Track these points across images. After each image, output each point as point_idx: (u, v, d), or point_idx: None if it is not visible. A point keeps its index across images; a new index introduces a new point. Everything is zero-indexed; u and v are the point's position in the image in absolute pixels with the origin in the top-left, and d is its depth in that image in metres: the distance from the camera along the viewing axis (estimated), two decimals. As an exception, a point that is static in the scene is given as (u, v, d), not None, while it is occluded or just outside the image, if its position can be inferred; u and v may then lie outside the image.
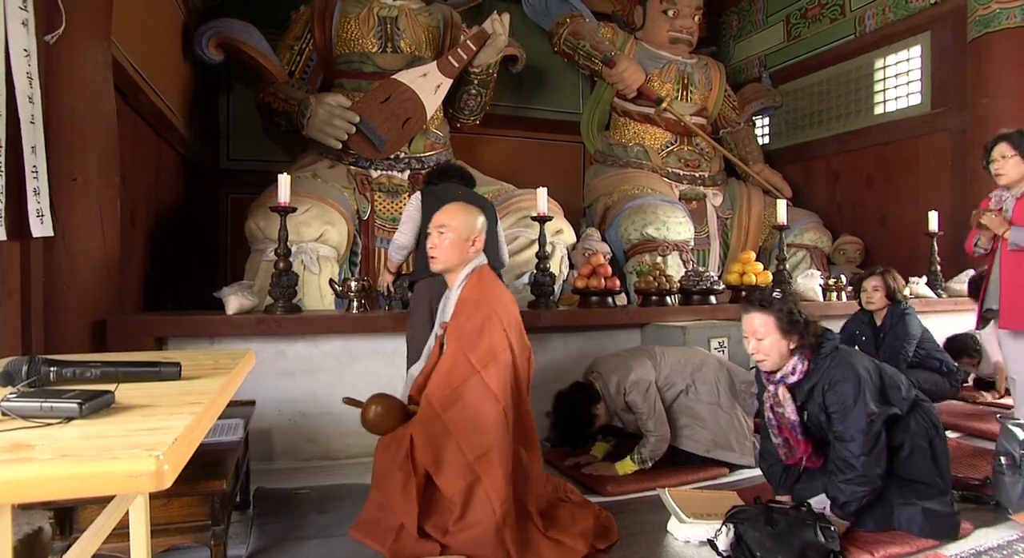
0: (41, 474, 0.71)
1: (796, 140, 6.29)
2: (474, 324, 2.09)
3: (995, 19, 4.30)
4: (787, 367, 2.17)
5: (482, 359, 2.05)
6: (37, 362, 1.14)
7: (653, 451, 2.76)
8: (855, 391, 2.07)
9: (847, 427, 2.06)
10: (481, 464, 1.97)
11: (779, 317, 2.14)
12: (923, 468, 2.16)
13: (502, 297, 2.21)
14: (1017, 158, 2.71)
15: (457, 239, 2.22)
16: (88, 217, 2.71)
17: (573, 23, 5.71)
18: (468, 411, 2.01)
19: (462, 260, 2.25)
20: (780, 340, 2.15)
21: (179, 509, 1.81)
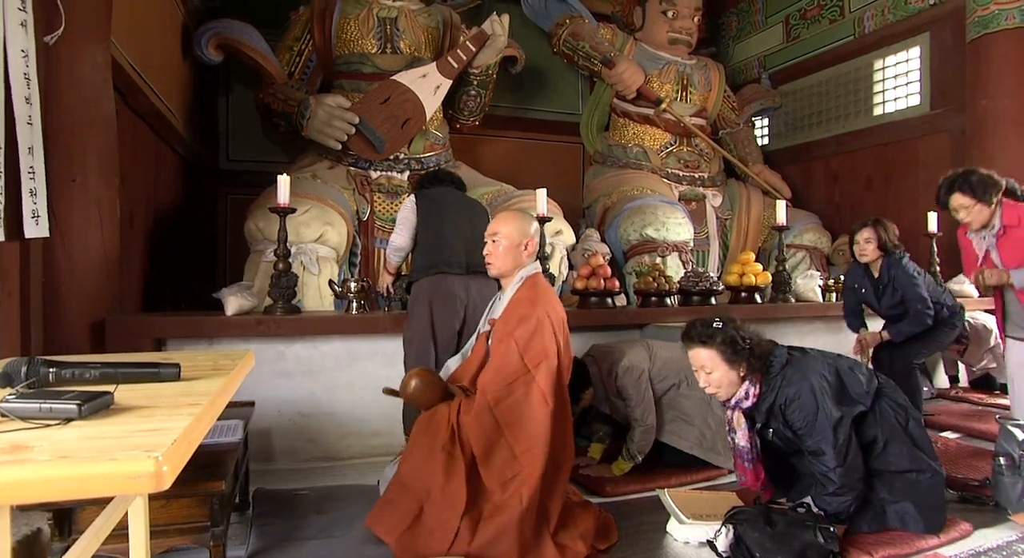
0: (40, 475, 0.71)
1: (795, 141, 6.29)
2: (529, 325, 2.14)
3: (994, 20, 4.30)
4: (739, 393, 2.16)
5: (534, 359, 2.11)
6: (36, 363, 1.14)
7: (640, 443, 2.77)
8: (813, 403, 2.05)
9: (816, 442, 2.05)
10: (525, 458, 2.03)
11: (722, 349, 2.11)
12: (904, 456, 2.15)
13: (554, 302, 2.27)
14: (978, 206, 2.77)
15: (510, 245, 2.27)
16: (87, 218, 2.71)
17: (572, 24, 5.71)
18: (519, 407, 2.07)
19: (516, 265, 2.30)
20: (728, 371, 2.13)
21: (178, 510, 1.81)
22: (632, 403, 2.77)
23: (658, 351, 2.92)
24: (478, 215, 3.08)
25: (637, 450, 2.77)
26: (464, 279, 2.84)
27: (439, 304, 2.82)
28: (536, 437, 2.05)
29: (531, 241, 2.31)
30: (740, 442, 2.22)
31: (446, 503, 2.04)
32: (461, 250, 2.86)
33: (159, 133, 4.04)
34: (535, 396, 2.08)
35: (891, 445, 2.15)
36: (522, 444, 2.05)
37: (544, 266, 3.60)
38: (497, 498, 2.04)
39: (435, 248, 2.90)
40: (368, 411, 3.19)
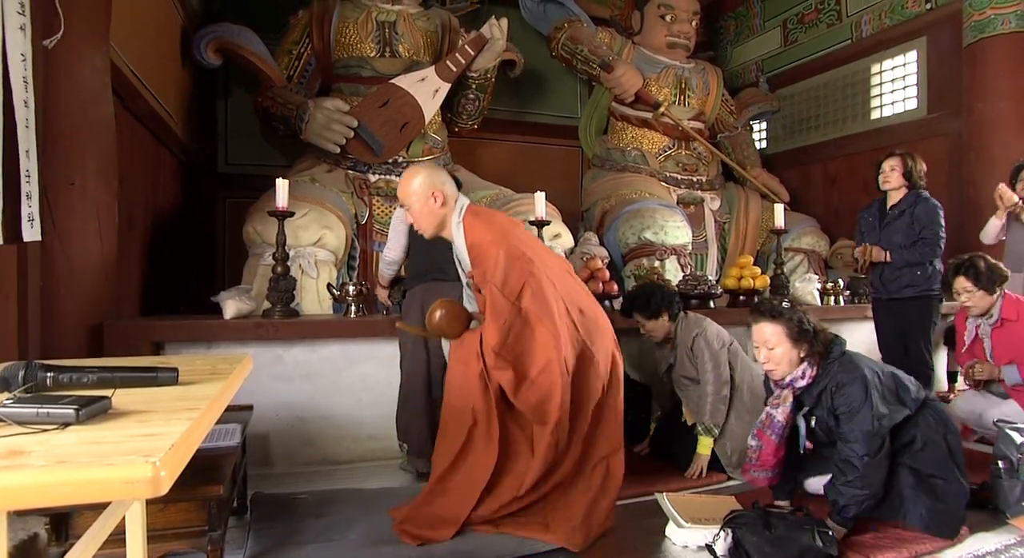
0: (37, 481, 0.71)
1: (794, 144, 6.31)
2: (499, 266, 2.18)
3: (990, 25, 4.32)
4: (796, 372, 2.20)
5: (513, 291, 2.16)
6: (34, 367, 1.14)
7: (713, 414, 2.82)
8: (862, 393, 2.09)
9: (852, 428, 2.08)
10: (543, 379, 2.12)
11: (789, 326, 2.16)
12: (938, 462, 2.18)
13: (505, 224, 2.32)
14: (980, 293, 2.96)
15: (420, 206, 2.29)
16: (86, 221, 2.71)
17: (571, 28, 5.72)
18: (520, 339, 2.15)
19: (439, 217, 2.31)
20: (791, 349, 2.17)
21: (176, 514, 1.81)
22: (706, 366, 2.84)
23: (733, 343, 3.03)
24: None
25: (712, 421, 2.82)
26: (458, 285, 2.81)
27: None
28: (546, 358, 2.12)
29: (437, 191, 2.28)
30: (778, 417, 2.24)
31: (489, 432, 2.16)
32: (454, 256, 2.86)
33: (158, 136, 4.04)
34: (530, 321, 2.15)
35: (928, 448, 2.19)
36: (535, 368, 2.13)
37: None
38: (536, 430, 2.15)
39: (429, 255, 2.90)
40: (366, 415, 3.19)
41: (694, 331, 2.93)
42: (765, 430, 2.26)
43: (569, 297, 2.27)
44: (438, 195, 2.28)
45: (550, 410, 2.11)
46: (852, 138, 5.67)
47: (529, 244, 2.29)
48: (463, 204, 2.34)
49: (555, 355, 2.12)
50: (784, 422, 2.23)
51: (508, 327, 2.14)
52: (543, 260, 2.28)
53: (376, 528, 2.26)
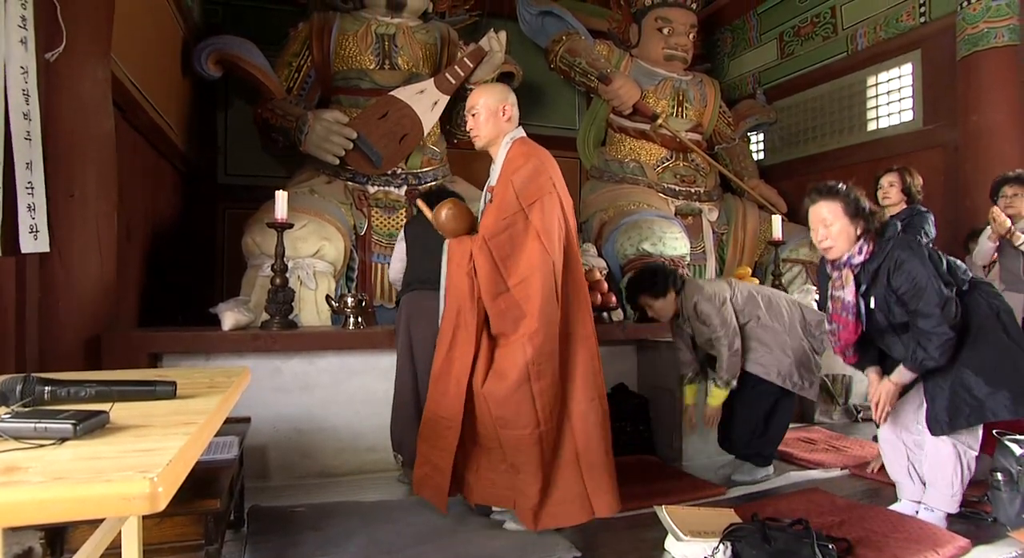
0: (33, 498, 0.71)
1: (791, 156, 6.34)
2: (525, 169, 2.26)
3: (983, 38, 4.36)
4: (853, 249, 2.26)
5: (529, 198, 2.21)
6: (32, 381, 1.14)
7: (730, 370, 2.87)
8: (924, 270, 2.15)
9: (924, 304, 2.13)
10: (519, 291, 2.17)
11: (847, 202, 2.25)
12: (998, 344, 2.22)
13: (548, 155, 2.39)
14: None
15: (489, 114, 2.38)
16: (85, 233, 2.71)
17: (569, 41, 5.76)
18: (511, 241, 2.20)
19: (499, 131, 2.40)
20: (848, 225, 2.25)
21: (172, 528, 1.80)
22: (717, 328, 2.88)
23: (737, 285, 3.08)
24: None
25: (728, 375, 2.87)
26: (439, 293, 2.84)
27: (416, 318, 2.84)
28: (528, 272, 2.16)
29: (507, 106, 2.40)
30: (847, 297, 2.29)
31: (470, 329, 2.22)
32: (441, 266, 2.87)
33: (158, 148, 4.05)
34: (529, 233, 2.19)
35: (984, 334, 2.23)
36: (514, 277, 2.18)
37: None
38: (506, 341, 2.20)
39: (416, 265, 2.94)
40: (364, 427, 3.17)
41: (693, 298, 2.98)
42: (839, 312, 2.32)
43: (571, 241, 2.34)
44: (508, 109, 2.41)
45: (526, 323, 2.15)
46: (849, 149, 5.70)
47: (559, 181, 2.35)
48: (521, 131, 2.45)
49: (539, 273, 2.16)
50: (853, 300, 2.28)
51: (507, 224, 2.19)
52: (564, 201, 2.34)
53: (375, 541, 2.24)
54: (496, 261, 2.19)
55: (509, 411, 2.16)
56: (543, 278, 2.17)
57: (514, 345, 2.18)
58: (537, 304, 2.15)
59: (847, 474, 3.14)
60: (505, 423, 2.18)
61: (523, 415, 2.15)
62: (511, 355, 2.18)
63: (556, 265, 2.21)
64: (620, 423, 3.48)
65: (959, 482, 2.35)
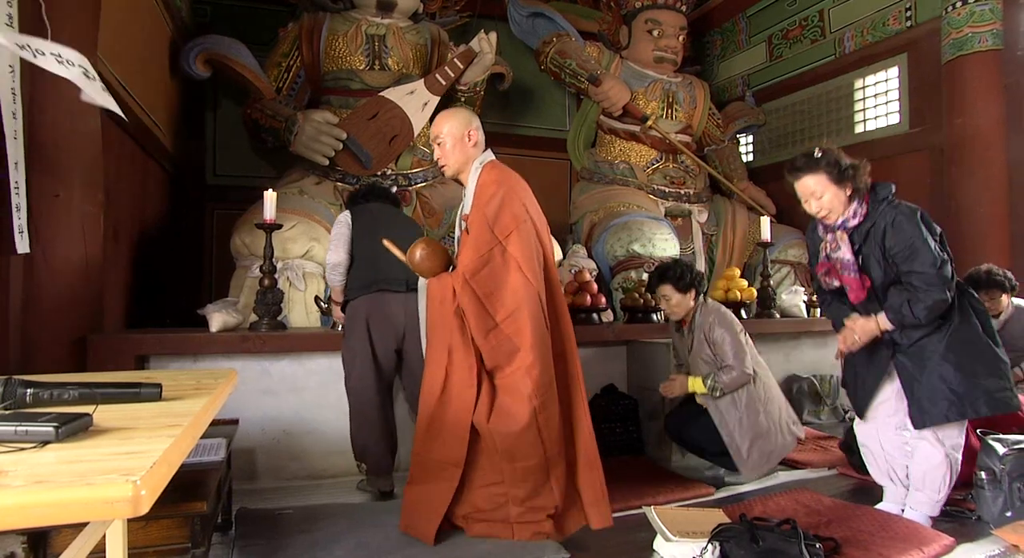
0: (14, 502, 0.70)
1: (779, 158, 6.37)
2: (495, 200, 2.23)
3: (968, 42, 4.42)
4: (848, 212, 2.28)
5: (504, 230, 2.20)
6: (14, 383, 1.12)
7: (731, 382, 2.83)
8: (917, 230, 2.17)
9: (920, 263, 2.15)
10: (508, 326, 2.15)
11: (828, 170, 2.26)
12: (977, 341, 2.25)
13: (518, 179, 2.37)
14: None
15: (455, 141, 2.35)
16: (70, 233, 2.68)
17: (559, 42, 5.78)
18: (493, 276, 2.18)
19: (467, 157, 2.38)
20: (837, 191, 2.27)
21: (158, 532, 1.78)
22: (728, 353, 2.85)
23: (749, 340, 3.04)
24: (412, 232, 3.03)
25: (723, 386, 2.83)
26: (403, 297, 2.78)
27: (376, 323, 2.76)
28: (515, 306, 2.14)
29: (472, 130, 2.37)
30: (845, 256, 2.31)
31: (465, 368, 2.18)
32: (400, 267, 2.75)
33: (145, 148, 4.02)
34: (509, 265, 2.18)
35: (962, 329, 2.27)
36: (501, 312, 2.16)
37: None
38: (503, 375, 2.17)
39: (372, 265, 2.82)
40: (354, 428, 3.16)
41: (711, 316, 2.96)
42: (843, 272, 2.34)
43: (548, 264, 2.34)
44: (474, 133, 2.37)
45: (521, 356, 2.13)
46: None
47: (531, 205, 2.33)
48: (490, 155, 2.42)
49: (526, 306, 2.15)
50: (852, 258, 2.30)
51: (486, 260, 2.18)
52: (538, 224, 2.33)
53: (363, 543, 2.23)
54: (480, 298, 2.16)
55: (518, 446, 2.14)
56: (531, 310, 2.16)
57: (513, 379, 2.16)
58: (529, 338, 2.14)
59: (834, 474, 3.17)
60: (512, 457, 2.16)
61: (531, 447, 2.14)
62: (513, 390, 2.15)
63: (540, 294, 2.20)
64: (610, 424, 3.49)
65: (946, 488, 2.37)
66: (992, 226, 4.37)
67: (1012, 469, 2.35)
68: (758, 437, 2.86)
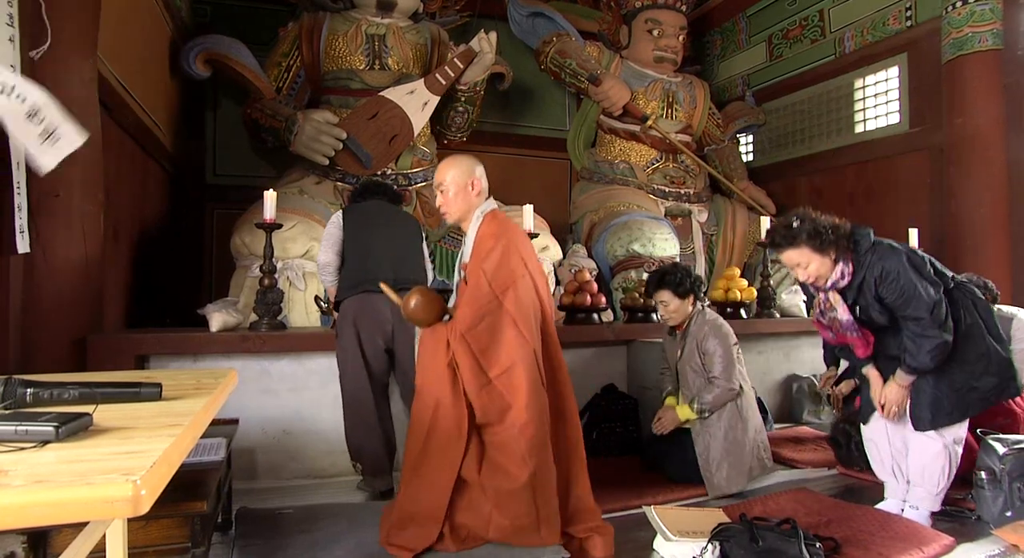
0: (14, 502, 0.70)
1: (779, 158, 6.38)
2: (494, 255, 2.20)
3: (968, 42, 4.42)
4: (835, 275, 2.28)
5: (501, 286, 2.17)
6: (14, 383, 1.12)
7: (715, 400, 2.81)
8: (908, 276, 2.19)
9: (913, 309, 2.19)
10: (502, 382, 2.11)
11: (810, 244, 2.25)
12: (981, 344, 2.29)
13: (517, 232, 2.34)
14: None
15: (458, 189, 2.32)
16: (70, 233, 2.68)
17: (559, 42, 5.78)
18: (489, 332, 2.14)
19: (469, 207, 2.34)
20: (822, 260, 2.27)
21: (158, 531, 1.78)
22: (717, 364, 2.83)
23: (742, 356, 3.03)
24: (408, 228, 3.04)
25: (709, 406, 2.81)
26: None
27: (364, 324, 2.76)
28: (509, 363, 2.11)
29: (476, 180, 2.33)
30: (843, 317, 2.32)
31: (452, 422, 2.14)
32: (388, 267, 2.81)
33: (145, 148, 4.02)
34: (504, 322, 2.14)
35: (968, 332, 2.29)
36: (495, 368, 2.11)
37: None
38: (494, 432, 2.13)
39: (361, 265, 2.84)
40: (354, 428, 3.16)
41: (706, 327, 2.93)
42: (843, 332, 2.35)
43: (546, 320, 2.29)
44: (477, 182, 2.33)
45: (513, 414, 2.09)
46: (837, 151, 5.75)
47: (530, 258, 2.30)
48: (492, 204, 2.39)
49: (521, 364, 2.11)
50: (849, 317, 2.32)
51: (482, 315, 2.14)
52: (537, 278, 2.28)
53: (363, 543, 2.23)
54: (475, 354, 2.13)
55: (510, 503, 2.10)
56: (526, 368, 2.11)
57: (504, 437, 2.12)
58: (524, 396, 2.09)
59: (834, 473, 3.17)
60: (503, 510, 2.12)
61: (525, 506, 2.10)
62: (505, 448, 2.11)
63: (537, 352, 2.16)
64: (610, 424, 3.49)
65: (945, 480, 2.38)
66: (992, 225, 4.37)
67: (1012, 469, 2.35)
68: (730, 454, 2.83)
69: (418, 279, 2.90)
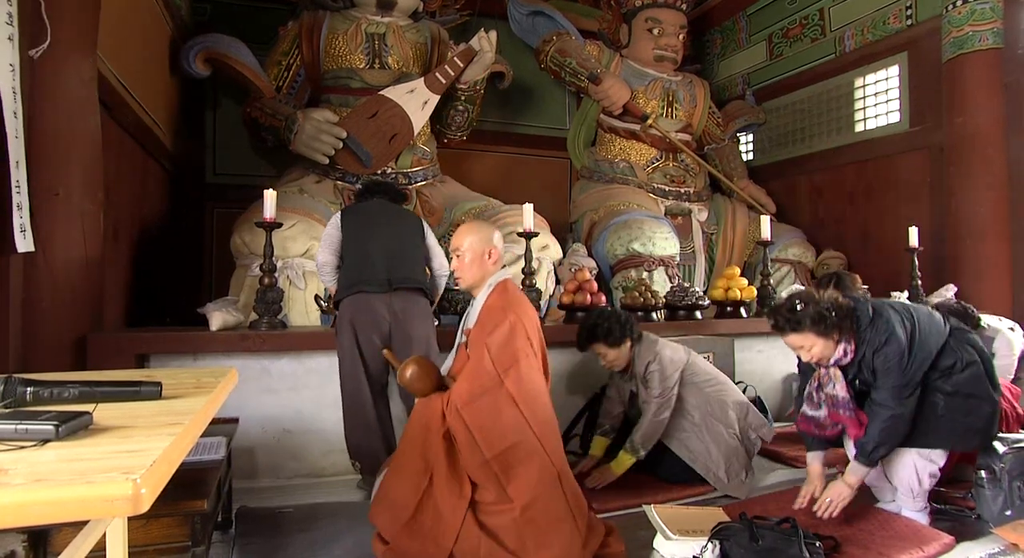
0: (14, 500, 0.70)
1: (779, 157, 6.38)
2: (501, 331, 2.15)
3: (968, 41, 4.42)
4: (837, 353, 2.27)
5: (504, 364, 2.11)
6: (14, 382, 1.12)
7: (645, 437, 2.74)
8: (898, 355, 2.20)
9: (887, 380, 2.20)
10: (499, 462, 2.03)
11: (813, 329, 2.22)
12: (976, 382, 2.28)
13: (526, 307, 2.28)
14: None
15: (475, 257, 2.30)
16: (70, 232, 2.68)
17: (559, 41, 5.78)
18: (488, 410, 2.07)
19: (484, 274, 2.32)
20: (825, 343, 2.25)
21: (158, 530, 1.78)
22: (653, 392, 2.76)
23: (693, 358, 2.98)
24: (408, 226, 3.01)
25: (641, 442, 2.74)
26: (385, 297, 2.77)
27: (361, 324, 2.76)
28: (506, 444, 2.03)
29: (494, 249, 2.32)
30: (840, 394, 2.30)
31: (452, 489, 2.06)
32: (383, 267, 2.80)
33: (145, 147, 4.02)
34: (503, 400, 2.08)
35: (968, 369, 2.28)
36: (492, 448, 2.04)
37: (531, 281, 3.60)
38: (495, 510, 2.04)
39: (356, 265, 2.84)
40: (354, 427, 3.16)
41: (647, 358, 2.83)
42: (836, 410, 2.33)
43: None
44: (494, 252, 2.31)
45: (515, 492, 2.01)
46: (837, 151, 5.75)
47: (534, 334, 2.23)
48: (505, 273, 2.36)
49: (522, 445, 2.03)
50: (846, 395, 2.29)
51: (482, 392, 2.08)
52: (538, 347, 2.23)
53: (362, 542, 2.23)
54: (471, 430, 2.06)
55: None
56: (527, 449, 2.04)
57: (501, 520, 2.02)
58: (525, 479, 2.01)
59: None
60: None
61: None
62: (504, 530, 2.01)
63: (536, 430, 2.08)
64: (610, 423, 3.49)
65: (923, 479, 2.36)
66: (992, 224, 4.37)
67: (1012, 468, 2.35)
68: (731, 455, 2.81)
69: (416, 278, 2.89)
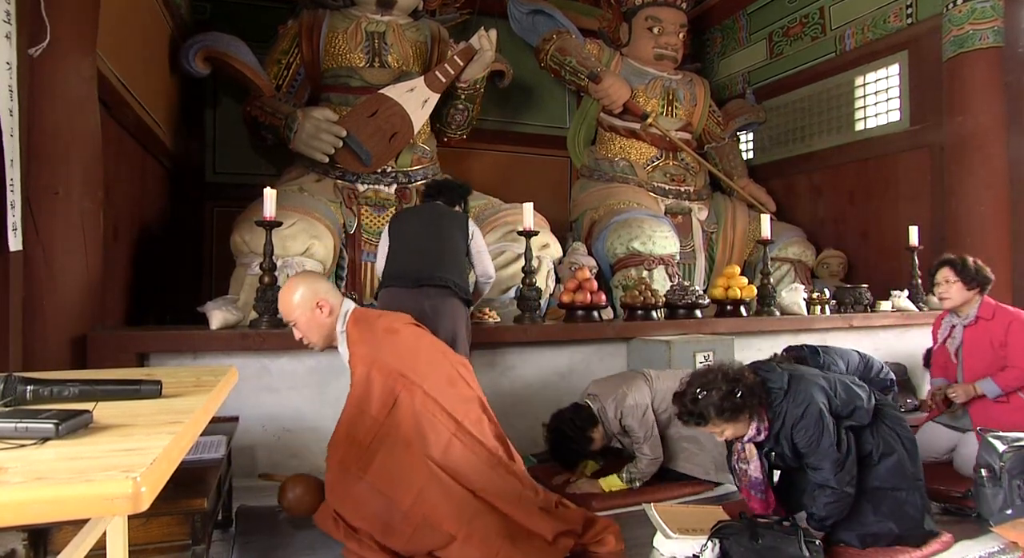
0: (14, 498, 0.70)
1: (779, 155, 6.38)
2: (359, 380, 2.09)
3: (968, 40, 4.41)
4: (751, 432, 2.15)
5: (381, 409, 2.04)
6: (13, 380, 1.12)
7: (643, 472, 2.75)
8: (818, 425, 2.07)
9: (819, 458, 2.08)
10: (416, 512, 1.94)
11: (720, 417, 2.10)
12: (894, 472, 2.17)
13: (379, 338, 2.18)
14: (960, 284, 2.92)
15: (307, 320, 2.22)
16: (70, 231, 2.68)
17: (559, 39, 5.77)
18: (388, 464, 1.99)
19: (328, 330, 2.25)
20: (736, 425, 2.13)
21: (159, 529, 1.78)
22: (640, 440, 2.76)
23: (656, 380, 2.90)
24: (449, 229, 3.03)
25: (639, 476, 2.75)
26: (413, 292, 2.81)
27: None
28: (420, 486, 1.95)
29: (320, 300, 2.21)
30: (753, 474, 2.23)
31: None
32: (411, 265, 2.86)
33: (145, 145, 4.01)
34: (396, 443, 2.00)
35: (884, 460, 2.17)
36: (406, 501, 1.94)
37: (531, 279, 3.60)
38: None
39: (394, 262, 2.95)
40: (354, 426, 3.16)
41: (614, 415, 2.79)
42: (750, 489, 2.26)
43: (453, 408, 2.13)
44: (324, 305, 2.21)
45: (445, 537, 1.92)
46: (837, 149, 5.75)
47: (405, 355, 2.15)
48: (347, 309, 2.26)
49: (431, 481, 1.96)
50: (761, 476, 2.22)
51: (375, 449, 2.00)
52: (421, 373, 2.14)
53: (363, 541, 2.24)
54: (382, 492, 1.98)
55: None
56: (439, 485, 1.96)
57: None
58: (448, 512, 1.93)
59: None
60: None
61: None
62: None
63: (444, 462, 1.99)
64: (609, 421, 3.49)
65: None
66: (992, 223, 4.38)
67: (1012, 466, 2.35)
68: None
69: (446, 276, 2.87)
